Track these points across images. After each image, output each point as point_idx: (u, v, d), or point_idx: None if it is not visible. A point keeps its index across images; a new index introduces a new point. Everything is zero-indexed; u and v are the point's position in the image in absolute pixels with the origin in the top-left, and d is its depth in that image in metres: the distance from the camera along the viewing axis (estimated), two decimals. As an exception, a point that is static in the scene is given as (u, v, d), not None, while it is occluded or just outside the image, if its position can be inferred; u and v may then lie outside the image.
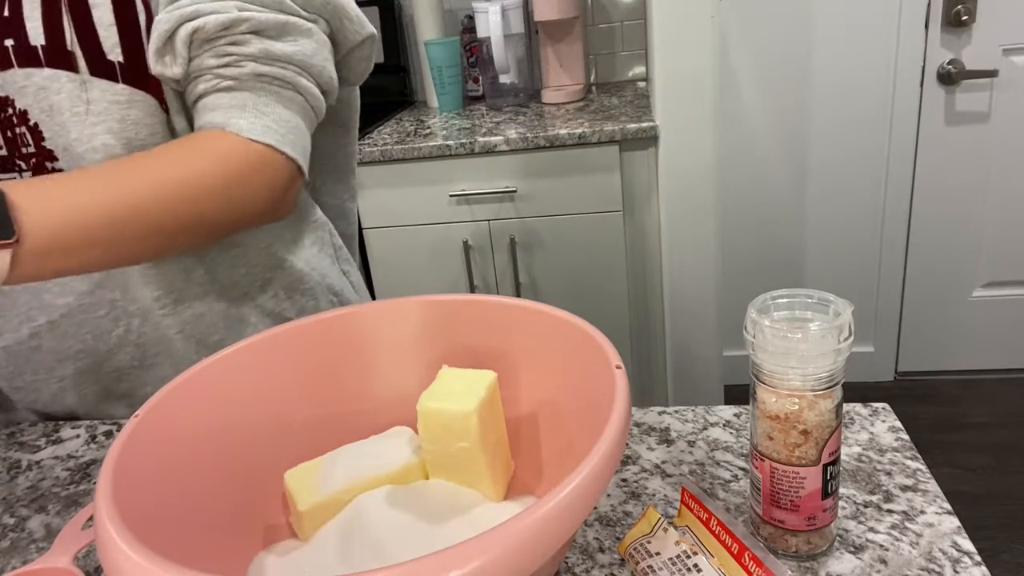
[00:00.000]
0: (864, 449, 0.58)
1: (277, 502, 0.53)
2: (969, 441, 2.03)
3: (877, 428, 0.61)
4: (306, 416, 0.56)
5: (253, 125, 0.61)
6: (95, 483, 0.65)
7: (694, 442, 0.61)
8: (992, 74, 1.96)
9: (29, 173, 0.65)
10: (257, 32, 0.62)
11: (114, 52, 0.61)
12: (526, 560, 0.33)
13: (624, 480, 0.58)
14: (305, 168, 0.66)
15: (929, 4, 1.94)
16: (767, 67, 2.05)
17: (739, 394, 2.30)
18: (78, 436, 0.73)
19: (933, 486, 0.53)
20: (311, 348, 0.57)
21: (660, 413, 0.66)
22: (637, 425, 0.64)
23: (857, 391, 2.22)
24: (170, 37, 0.60)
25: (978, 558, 0.47)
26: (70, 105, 0.62)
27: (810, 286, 2.25)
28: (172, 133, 0.65)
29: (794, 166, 2.13)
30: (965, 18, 1.92)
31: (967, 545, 0.49)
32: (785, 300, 0.48)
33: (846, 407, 0.64)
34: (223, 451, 0.51)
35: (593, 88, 2.14)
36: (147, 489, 0.43)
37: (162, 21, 0.60)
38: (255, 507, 0.51)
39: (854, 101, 2.04)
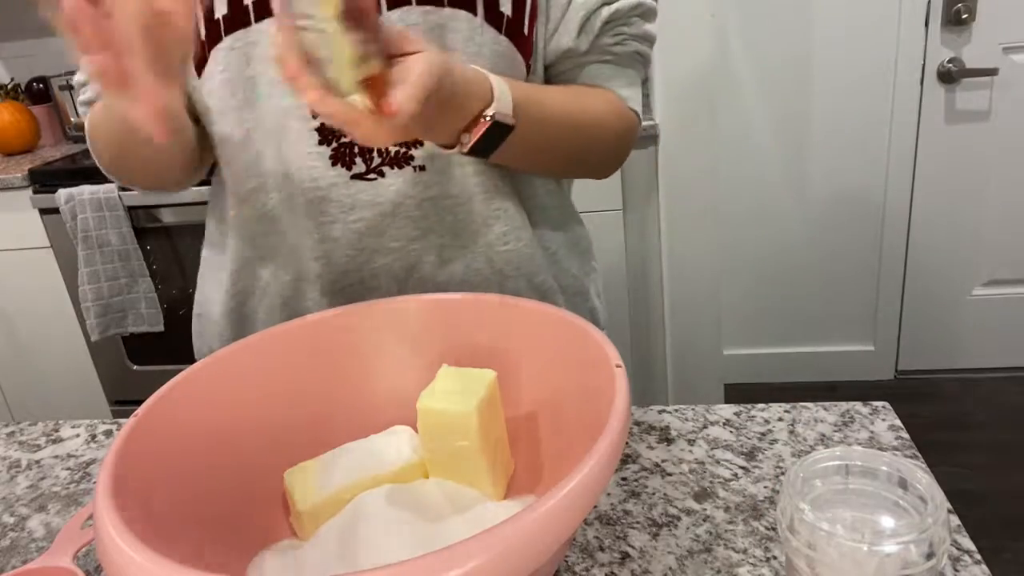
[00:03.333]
0: (865, 448, 0.58)
1: (277, 502, 0.53)
2: (969, 440, 2.03)
3: (877, 427, 0.61)
4: (306, 415, 0.56)
5: (630, 95, 0.73)
6: (95, 482, 0.65)
7: (694, 441, 0.61)
8: (992, 72, 1.96)
9: None
10: (642, 15, 0.70)
11: (506, 5, 0.64)
12: (526, 559, 0.33)
13: (624, 479, 0.58)
14: None
15: (929, 2, 1.94)
16: (767, 65, 2.05)
17: (739, 393, 2.30)
18: (78, 435, 0.73)
19: (933, 485, 0.53)
20: (311, 347, 0.57)
21: (660, 412, 0.66)
22: (637, 424, 0.64)
23: (857, 390, 2.22)
24: (589, 17, 0.67)
25: (978, 556, 0.48)
26: (464, 47, 0.63)
27: (810, 285, 2.25)
28: None
29: (794, 164, 2.13)
30: (965, 16, 1.92)
31: (967, 544, 0.49)
32: (840, 486, 0.40)
33: (846, 406, 0.64)
34: (223, 450, 0.51)
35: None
36: (147, 488, 0.43)
37: (585, 2, 0.67)
38: (255, 506, 0.51)
39: (854, 99, 2.04)
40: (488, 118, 0.58)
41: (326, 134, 0.66)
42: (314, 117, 0.65)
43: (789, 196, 2.17)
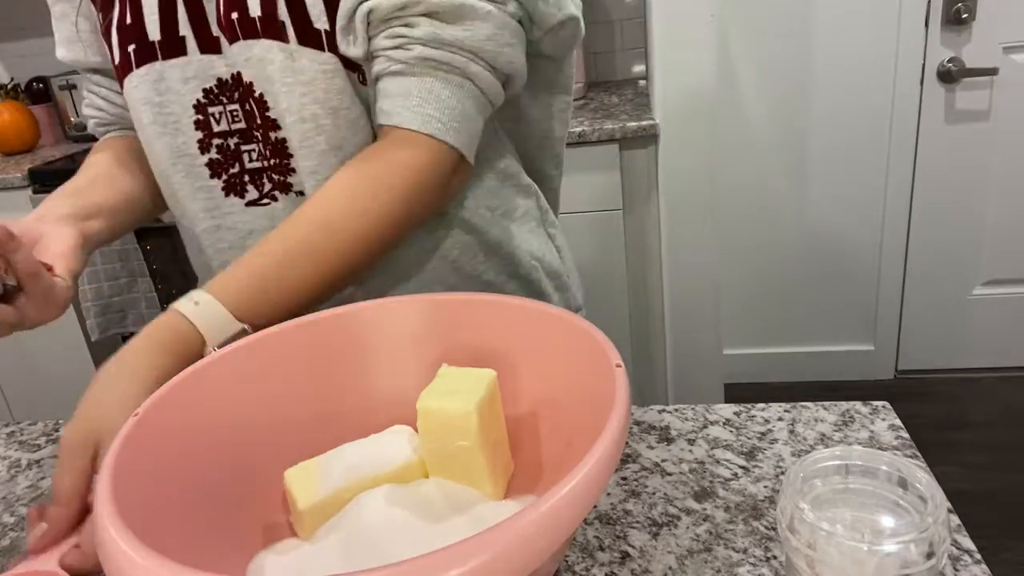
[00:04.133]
0: (865, 448, 0.58)
1: (277, 501, 0.53)
2: (969, 439, 2.03)
3: (877, 427, 0.61)
4: (306, 415, 0.56)
5: (415, 116, 0.62)
6: (95, 482, 0.65)
7: (694, 440, 0.61)
8: (992, 72, 1.96)
9: (260, 144, 0.69)
10: (429, 15, 0.61)
11: (320, 20, 0.62)
12: (526, 558, 0.33)
13: (624, 478, 0.58)
14: (470, 155, 0.65)
15: (929, 2, 1.94)
16: (767, 65, 2.05)
17: (739, 392, 2.30)
18: (78, 435, 0.73)
19: (933, 484, 0.53)
20: (311, 347, 0.57)
21: (660, 411, 0.66)
22: (637, 423, 0.64)
23: (857, 389, 2.22)
24: (351, 17, 0.61)
25: (978, 556, 0.48)
26: (281, 76, 0.63)
27: (810, 285, 2.25)
28: (368, 103, 0.67)
29: (794, 164, 2.13)
30: (965, 16, 1.92)
31: (967, 543, 0.49)
32: (840, 485, 0.40)
33: (846, 406, 0.64)
34: (223, 450, 0.51)
35: (592, 86, 2.14)
36: (147, 488, 0.43)
37: (345, 0, 0.61)
38: (255, 506, 0.51)
39: (854, 99, 2.04)
40: (211, 350, 0.55)
41: (215, 168, 0.70)
42: (202, 153, 0.69)
43: (789, 196, 2.17)
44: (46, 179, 1.85)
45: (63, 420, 0.76)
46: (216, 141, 0.69)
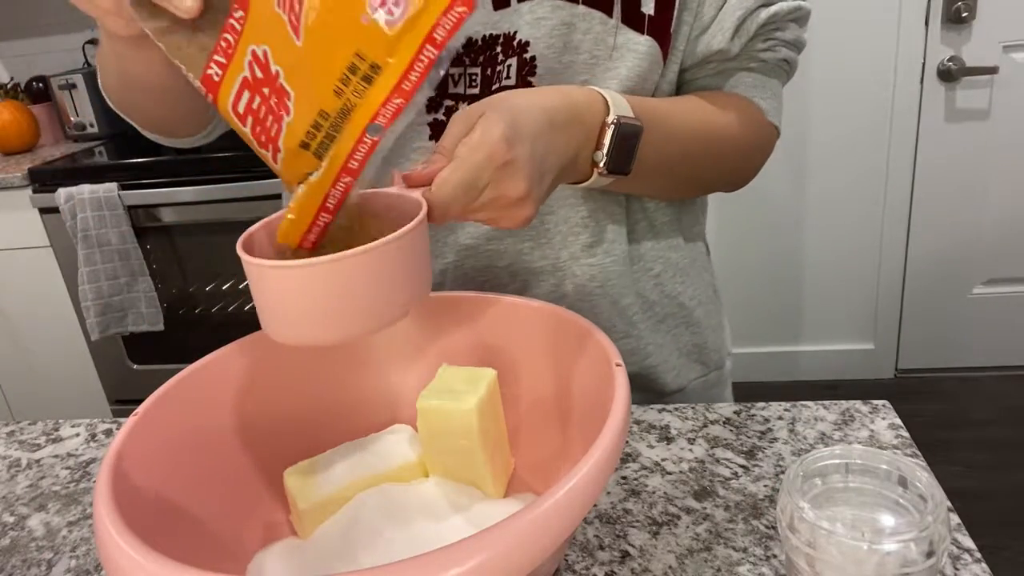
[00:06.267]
0: (865, 447, 0.58)
1: (277, 500, 0.53)
2: (969, 438, 2.03)
3: (877, 425, 0.61)
4: (306, 415, 0.56)
5: (771, 107, 0.67)
6: (95, 482, 0.65)
7: (694, 439, 0.61)
8: (992, 71, 1.96)
9: None
10: (797, 20, 0.65)
11: (648, 4, 0.61)
12: (526, 557, 0.33)
13: (624, 478, 0.58)
14: None
15: (929, 1, 1.93)
16: (767, 64, 2.04)
17: (739, 392, 2.30)
18: (78, 435, 0.73)
19: (933, 483, 0.53)
20: (311, 347, 0.57)
21: (660, 411, 0.66)
22: (637, 423, 0.64)
23: (857, 388, 2.22)
24: (746, 19, 0.63)
25: (978, 555, 0.48)
26: (592, 47, 0.62)
27: (810, 284, 2.25)
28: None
29: (794, 163, 2.13)
30: (965, 15, 1.92)
31: (967, 542, 0.49)
32: (840, 484, 0.40)
33: (846, 405, 0.64)
34: (223, 449, 0.51)
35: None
36: (147, 488, 0.43)
37: (742, 2, 0.62)
38: (255, 506, 0.51)
39: (854, 98, 2.04)
40: (611, 124, 0.54)
41: (437, 129, 0.66)
42: (428, 112, 0.65)
43: (789, 195, 2.17)
44: (46, 179, 1.85)
45: (63, 420, 0.76)
46: (447, 102, 0.65)
